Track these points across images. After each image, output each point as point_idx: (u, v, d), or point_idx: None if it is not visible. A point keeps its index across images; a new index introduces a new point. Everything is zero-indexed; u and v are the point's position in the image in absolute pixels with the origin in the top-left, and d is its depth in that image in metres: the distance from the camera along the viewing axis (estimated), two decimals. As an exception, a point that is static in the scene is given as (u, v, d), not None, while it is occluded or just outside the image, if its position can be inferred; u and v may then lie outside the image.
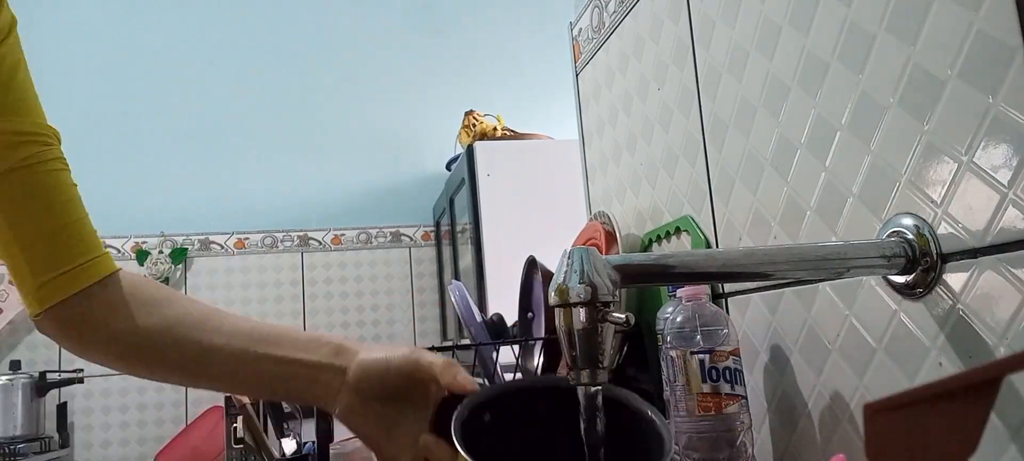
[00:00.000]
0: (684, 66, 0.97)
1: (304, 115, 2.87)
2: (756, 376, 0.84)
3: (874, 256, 0.59)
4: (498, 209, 2.18)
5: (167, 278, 2.61)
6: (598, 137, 1.26)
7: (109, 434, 2.52)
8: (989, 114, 0.54)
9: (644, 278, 0.64)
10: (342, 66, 2.93)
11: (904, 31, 0.61)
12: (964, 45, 0.56)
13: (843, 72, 0.68)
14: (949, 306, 0.58)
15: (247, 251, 2.74)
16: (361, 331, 2.76)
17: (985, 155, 0.55)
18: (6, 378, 2.21)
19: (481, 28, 3.06)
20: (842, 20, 0.68)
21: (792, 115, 0.76)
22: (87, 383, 2.39)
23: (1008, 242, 0.53)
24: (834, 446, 0.71)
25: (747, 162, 0.84)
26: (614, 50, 1.18)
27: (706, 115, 0.92)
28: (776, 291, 0.80)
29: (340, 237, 2.83)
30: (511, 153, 2.27)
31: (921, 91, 0.60)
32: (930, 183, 0.59)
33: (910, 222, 0.61)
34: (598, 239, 1.04)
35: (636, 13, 1.10)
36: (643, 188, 1.10)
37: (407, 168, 2.93)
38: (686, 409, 0.75)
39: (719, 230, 0.90)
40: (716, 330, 0.75)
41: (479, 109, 2.44)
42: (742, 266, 0.60)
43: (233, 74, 2.83)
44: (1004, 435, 0.54)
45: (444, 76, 3.00)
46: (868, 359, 0.67)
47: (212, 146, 2.78)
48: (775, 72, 0.78)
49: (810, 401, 0.75)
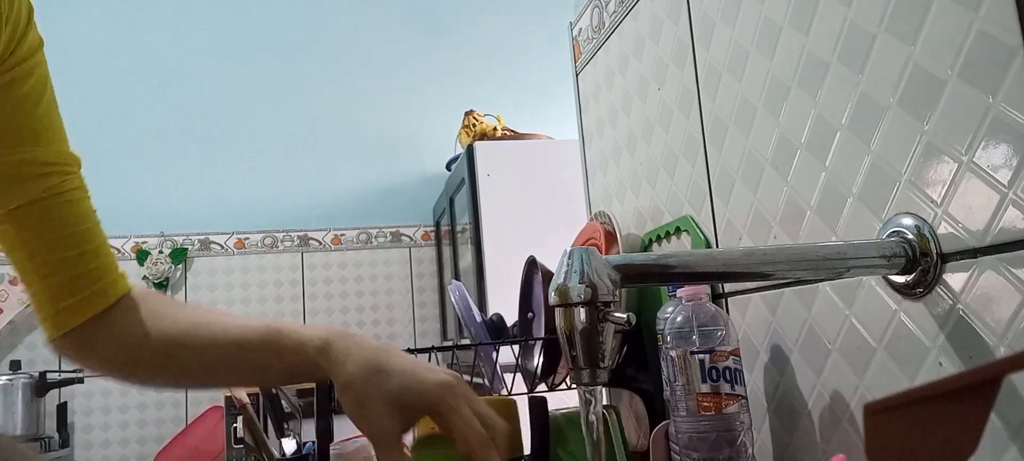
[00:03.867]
0: (684, 66, 0.97)
1: (304, 115, 2.87)
2: (756, 376, 0.84)
3: (874, 256, 0.59)
4: (498, 209, 2.18)
5: (167, 278, 2.61)
6: (598, 137, 1.26)
7: (109, 434, 2.52)
8: (989, 114, 0.54)
9: (644, 278, 0.64)
10: (342, 66, 2.93)
11: (904, 31, 0.61)
12: (964, 45, 0.56)
13: (843, 72, 0.68)
14: (949, 306, 0.58)
15: (247, 251, 2.74)
16: (361, 331, 2.76)
17: (985, 155, 0.55)
18: (6, 378, 2.21)
19: (481, 28, 3.06)
20: (842, 20, 0.68)
21: (792, 115, 0.76)
22: (87, 383, 2.39)
23: (1008, 242, 0.53)
24: (834, 446, 0.71)
25: (747, 162, 0.84)
26: (614, 50, 1.18)
27: (706, 115, 0.92)
28: (776, 291, 0.80)
29: (340, 237, 2.83)
30: (511, 153, 2.27)
31: (921, 91, 0.60)
32: (930, 183, 0.59)
33: (910, 222, 0.61)
34: (598, 239, 1.04)
35: (636, 13, 1.10)
36: (643, 188, 1.10)
37: (407, 168, 2.93)
38: (686, 409, 0.75)
39: (719, 230, 0.90)
40: (716, 330, 0.75)
41: (479, 109, 2.44)
42: (742, 266, 0.60)
43: (233, 74, 2.83)
44: (1004, 435, 0.54)
45: (444, 76, 3.00)
46: (868, 359, 0.67)
47: (212, 146, 2.78)
48: (775, 72, 0.78)
49: (810, 401, 0.75)
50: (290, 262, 2.77)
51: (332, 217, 2.84)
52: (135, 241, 2.65)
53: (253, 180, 2.79)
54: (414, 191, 2.92)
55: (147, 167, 2.70)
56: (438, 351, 0.98)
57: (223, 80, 2.82)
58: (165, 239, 2.67)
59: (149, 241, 2.65)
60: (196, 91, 2.79)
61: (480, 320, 1.09)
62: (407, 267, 2.86)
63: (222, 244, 2.73)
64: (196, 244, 2.70)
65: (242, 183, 2.78)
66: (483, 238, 2.16)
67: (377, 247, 2.86)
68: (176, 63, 2.78)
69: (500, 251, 2.13)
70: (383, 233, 2.87)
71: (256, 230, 2.76)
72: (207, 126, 2.78)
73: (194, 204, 2.73)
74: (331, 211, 2.84)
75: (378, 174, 2.91)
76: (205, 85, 2.80)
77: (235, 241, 2.74)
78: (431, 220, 2.91)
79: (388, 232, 2.87)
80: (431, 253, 2.89)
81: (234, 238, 2.74)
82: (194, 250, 2.70)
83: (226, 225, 2.74)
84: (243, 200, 2.78)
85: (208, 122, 2.78)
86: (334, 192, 2.86)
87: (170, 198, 2.71)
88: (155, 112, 2.74)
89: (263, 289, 2.73)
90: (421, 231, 2.90)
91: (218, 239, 2.73)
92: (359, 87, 2.93)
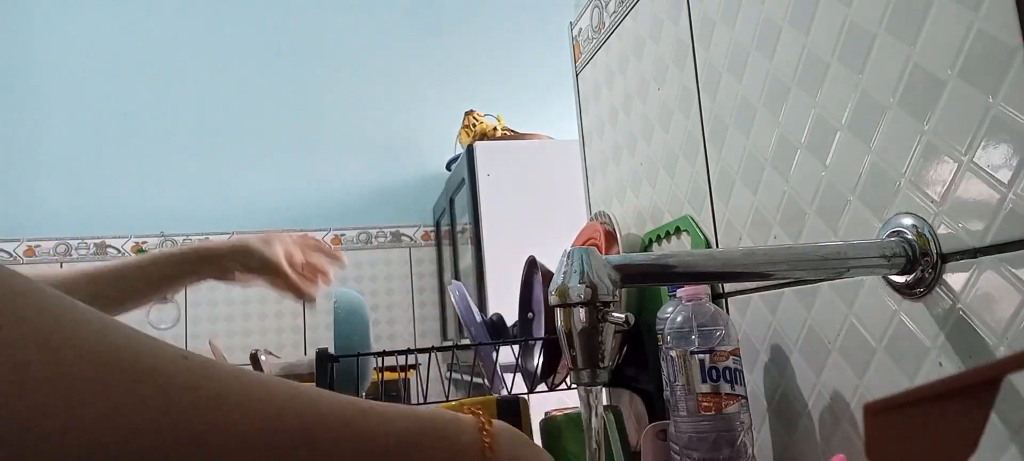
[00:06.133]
0: (684, 66, 0.97)
1: (304, 115, 2.87)
2: (756, 376, 0.84)
3: (874, 256, 0.59)
4: (498, 209, 2.18)
5: (167, 278, 2.60)
6: (598, 137, 1.26)
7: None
8: (989, 114, 0.54)
9: (644, 278, 0.64)
10: (342, 66, 2.93)
11: (904, 31, 0.61)
12: (964, 45, 0.56)
13: (843, 72, 0.68)
14: (949, 306, 0.58)
15: (247, 251, 2.74)
16: (361, 331, 2.75)
17: (985, 155, 0.55)
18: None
19: (481, 28, 3.06)
20: (842, 20, 0.68)
21: (792, 115, 0.76)
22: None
23: (1008, 242, 0.53)
24: (834, 446, 0.71)
25: (747, 162, 0.84)
26: (614, 50, 1.18)
27: (706, 115, 0.92)
28: (776, 291, 0.80)
29: (340, 237, 2.83)
30: (511, 153, 2.27)
31: (921, 91, 0.60)
32: (930, 183, 0.59)
33: (910, 222, 0.61)
34: (598, 239, 1.04)
35: (636, 13, 1.10)
36: (643, 188, 1.10)
37: (407, 168, 2.93)
38: (686, 409, 0.75)
39: (719, 230, 0.90)
40: (716, 330, 0.75)
41: (479, 109, 2.44)
42: (742, 266, 0.60)
43: (233, 74, 2.83)
44: (1004, 435, 0.54)
45: (444, 76, 3.00)
46: (868, 359, 0.67)
47: (212, 146, 2.78)
48: (775, 72, 0.78)
49: (810, 401, 0.75)
50: (290, 262, 2.77)
51: (332, 217, 2.84)
52: (135, 241, 2.65)
53: (253, 180, 2.79)
54: (414, 191, 2.92)
55: (147, 167, 2.70)
56: (438, 351, 0.98)
57: (223, 80, 2.82)
58: (165, 239, 2.67)
59: (149, 241, 2.65)
60: (196, 91, 2.78)
61: (480, 320, 1.09)
62: (407, 267, 2.86)
63: (222, 244, 2.73)
64: (196, 244, 2.70)
65: (242, 183, 2.78)
66: (483, 238, 2.16)
67: (377, 247, 2.86)
68: (176, 63, 2.78)
69: (500, 251, 2.13)
70: (383, 233, 2.87)
71: (256, 230, 2.76)
72: (207, 126, 2.78)
73: (194, 204, 2.73)
74: (331, 211, 2.84)
75: (378, 174, 2.91)
76: (205, 85, 2.80)
77: (235, 241, 2.74)
78: (431, 220, 2.91)
79: (388, 232, 2.87)
80: (431, 253, 2.89)
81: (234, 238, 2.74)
82: (194, 250, 2.69)
83: (226, 225, 2.74)
84: (243, 200, 2.77)
85: (208, 122, 2.78)
86: (334, 192, 2.86)
87: (170, 198, 2.71)
88: (155, 112, 2.74)
89: (263, 289, 2.72)
90: (421, 231, 2.90)
91: (218, 239, 2.73)
92: (359, 87, 2.93)
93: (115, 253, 2.62)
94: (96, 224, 2.62)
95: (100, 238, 2.62)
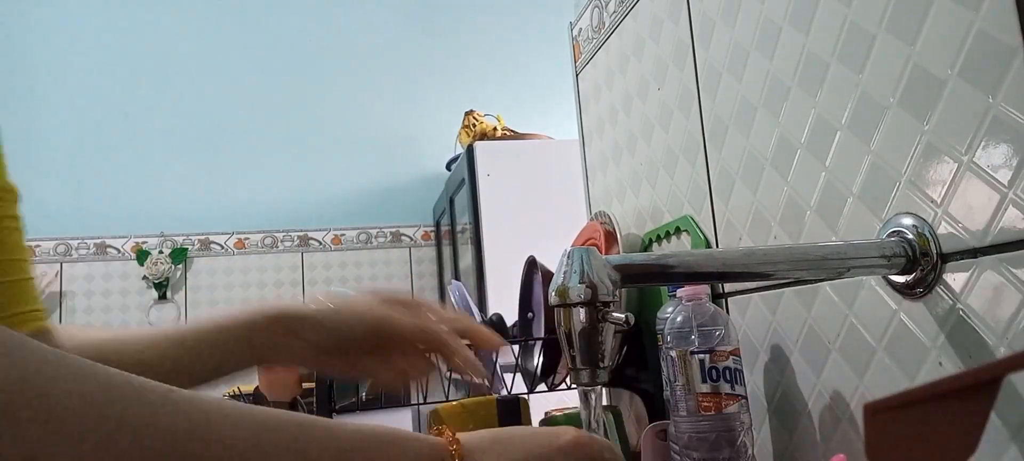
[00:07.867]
0: (684, 66, 0.97)
1: (304, 115, 2.87)
2: (756, 376, 0.84)
3: (874, 256, 0.59)
4: (498, 209, 2.18)
5: (167, 278, 2.61)
6: (598, 137, 1.26)
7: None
8: (989, 114, 0.54)
9: (644, 278, 0.64)
10: (342, 66, 2.93)
11: (904, 31, 0.61)
12: (964, 45, 0.56)
13: (843, 72, 0.68)
14: (949, 306, 0.58)
15: (247, 251, 2.74)
16: (361, 331, 2.75)
17: (985, 155, 0.55)
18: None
19: (481, 28, 3.06)
20: (842, 20, 0.68)
21: (792, 115, 0.76)
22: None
23: (1008, 242, 0.53)
24: (834, 446, 0.71)
25: (747, 162, 0.84)
26: (614, 50, 1.18)
27: (706, 115, 0.92)
28: (776, 291, 0.80)
29: (340, 237, 2.83)
30: (511, 153, 2.27)
31: (921, 91, 0.60)
32: (930, 183, 0.59)
33: (910, 222, 0.61)
34: (598, 239, 1.04)
35: (636, 13, 1.10)
36: (643, 188, 1.10)
37: (407, 168, 2.93)
38: (686, 409, 0.75)
39: (719, 230, 0.90)
40: (715, 330, 0.75)
41: (479, 109, 2.44)
42: (742, 266, 0.60)
43: (233, 74, 2.83)
44: (1004, 435, 0.54)
45: (444, 76, 3.00)
46: (868, 359, 0.67)
47: (212, 146, 2.78)
48: (775, 72, 0.78)
49: (810, 401, 0.75)
50: (290, 262, 2.77)
51: (332, 217, 2.84)
52: (135, 241, 2.65)
53: (253, 180, 2.79)
54: (414, 191, 2.92)
55: (147, 167, 2.70)
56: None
57: (223, 80, 2.82)
58: (165, 239, 2.67)
59: (149, 241, 2.65)
60: (196, 91, 2.78)
61: (480, 320, 1.09)
62: (407, 267, 2.86)
63: (222, 244, 2.73)
64: (196, 244, 2.70)
65: (242, 183, 2.78)
66: (483, 238, 2.16)
67: (377, 247, 2.86)
68: (176, 63, 2.78)
69: (500, 251, 2.13)
70: (383, 233, 2.87)
71: (256, 230, 2.76)
72: (207, 126, 2.78)
73: (194, 204, 2.73)
74: (331, 211, 2.84)
75: (378, 174, 2.91)
76: (205, 85, 2.80)
77: (235, 241, 2.74)
78: (431, 220, 2.91)
79: (388, 232, 2.87)
80: (431, 253, 2.89)
81: (234, 238, 2.74)
82: (194, 250, 2.70)
83: (226, 225, 2.74)
84: (243, 200, 2.77)
85: (208, 122, 2.78)
86: (334, 192, 2.86)
87: (170, 198, 2.71)
88: (155, 112, 2.74)
89: (263, 289, 2.72)
90: (421, 231, 2.90)
91: (218, 239, 2.73)
92: (359, 87, 2.93)
93: (115, 253, 2.62)
94: (96, 224, 2.62)
95: (100, 238, 2.62)
